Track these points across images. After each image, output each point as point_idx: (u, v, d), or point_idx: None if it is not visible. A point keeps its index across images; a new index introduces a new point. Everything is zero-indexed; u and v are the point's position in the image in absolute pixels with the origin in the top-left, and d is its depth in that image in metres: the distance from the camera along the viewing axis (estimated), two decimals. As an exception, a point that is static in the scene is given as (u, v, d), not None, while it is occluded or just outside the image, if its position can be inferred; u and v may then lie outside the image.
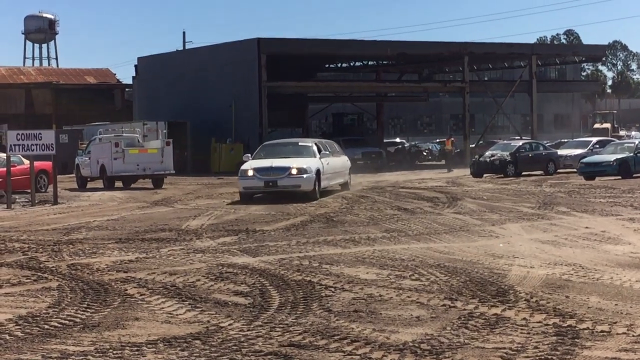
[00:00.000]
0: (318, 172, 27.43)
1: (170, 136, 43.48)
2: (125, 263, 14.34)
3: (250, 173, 26.87)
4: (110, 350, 8.45)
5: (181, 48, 78.09)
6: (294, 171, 26.59)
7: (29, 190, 28.80)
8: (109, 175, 36.57)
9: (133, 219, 22.33)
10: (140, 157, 36.95)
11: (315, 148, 29.08)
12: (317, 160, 28.04)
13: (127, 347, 8.56)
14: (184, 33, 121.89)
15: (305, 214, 22.06)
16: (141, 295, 11.40)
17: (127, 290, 11.75)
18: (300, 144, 30.79)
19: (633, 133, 67.46)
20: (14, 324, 9.70)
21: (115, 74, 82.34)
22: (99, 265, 14.04)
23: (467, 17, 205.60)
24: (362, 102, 70.69)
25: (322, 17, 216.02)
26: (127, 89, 77.60)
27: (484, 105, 70.87)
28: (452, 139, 54.57)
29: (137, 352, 8.38)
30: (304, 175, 26.63)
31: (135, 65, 69.65)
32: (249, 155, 29.91)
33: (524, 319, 9.42)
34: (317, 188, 27.18)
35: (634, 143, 41.36)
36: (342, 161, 32.34)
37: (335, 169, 30.21)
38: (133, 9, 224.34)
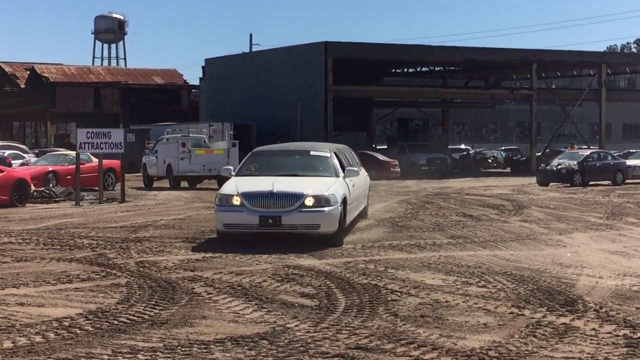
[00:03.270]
0: (344, 201, 17.19)
1: (236, 137, 43.66)
2: (192, 262, 14.45)
3: (236, 201, 16.33)
4: (179, 347, 8.55)
5: (248, 50, 78.54)
6: (309, 201, 16.17)
7: (96, 188, 29.24)
8: (175, 175, 37.06)
9: (199, 219, 22.49)
10: (207, 158, 37.25)
11: (336, 161, 18.78)
12: (341, 182, 17.71)
13: (195, 345, 8.65)
14: (250, 35, 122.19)
15: (370, 218, 21.98)
16: (208, 294, 11.49)
17: (194, 288, 11.86)
18: (312, 153, 19.34)
19: None
20: (84, 319, 9.86)
21: (182, 75, 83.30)
22: (166, 264, 14.19)
23: (535, 24, 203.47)
24: (427, 108, 70.63)
25: (388, 21, 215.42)
26: (193, 90, 78.33)
27: (551, 113, 70.15)
28: (576, 146, 54.32)
29: (205, 350, 8.46)
30: (325, 209, 16.13)
31: (203, 67, 70.38)
32: (231, 168, 19.18)
33: (594, 329, 9.32)
34: (342, 227, 16.91)
35: None
36: (364, 178, 22.09)
37: (359, 192, 20.14)
38: (201, 10, 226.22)
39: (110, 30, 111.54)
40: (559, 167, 42.00)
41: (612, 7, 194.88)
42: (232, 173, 18.23)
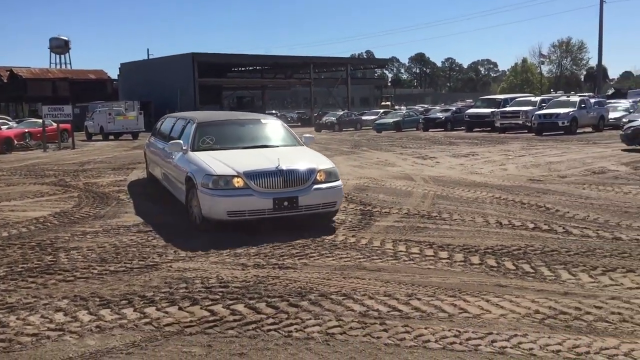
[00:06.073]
0: None
1: (141, 109, 42.08)
2: (118, 181, 13.86)
3: (239, 183, 7.68)
4: (111, 229, 8.28)
5: (146, 58, 75.06)
6: (320, 176, 8.10)
7: (56, 141, 27.49)
8: (105, 132, 35.58)
9: (121, 157, 21.55)
10: (124, 122, 36.10)
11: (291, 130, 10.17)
12: (316, 152, 9.44)
13: (122, 227, 8.39)
14: (147, 49, 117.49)
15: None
16: (128, 199, 11.09)
17: (119, 196, 11.41)
18: (264, 121, 10.22)
19: (402, 107, 68.85)
20: (53, 217, 9.35)
21: (107, 73, 78.23)
22: (102, 183, 13.58)
23: (311, 42, 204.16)
24: (253, 90, 70.21)
25: (231, 35, 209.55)
26: (114, 82, 74.03)
27: (322, 92, 71.08)
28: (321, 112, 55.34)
29: (127, 230, 8.22)
30: (335, 184, 8.19)
31: (119, 67, 66.74)
32: (180, 142, 9.22)
33: (344, 206, 9.60)
34: None
35: (402, 113, 42.83)
36: None
37: None
38: (118, 30, 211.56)
39: (59, 46, 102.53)
40: (327, 120, 43.10)
41: (356, 30, 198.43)
42: (184, 147, 9.12)
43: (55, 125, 28.33)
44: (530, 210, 8.96)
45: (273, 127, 10.02)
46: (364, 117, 47.08)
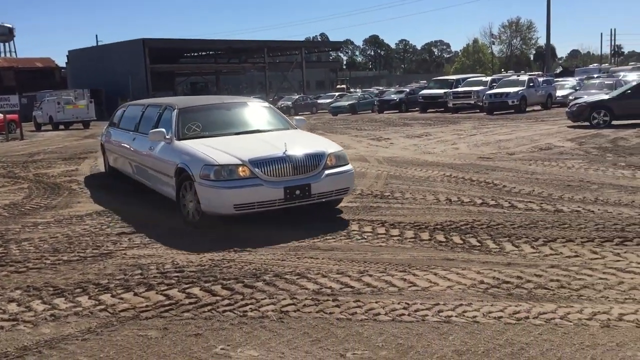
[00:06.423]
0: None
1: (92, 97, 41.16)
2: (70, 171, 13.59)
3: (244, 171, 6.76)
4: (64, 220, 8.18)
5: (95, 44, 73.19)
6: (330, 161, 7.30)
7: (3, 132, 26.67)
8: (55, 121, 34.73)
9: (72, 147, 21.09)
10: (74, 110, 35.30)
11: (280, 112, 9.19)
12: (315, 135, 9.13)
13: (74, 217, 8.30)
14: (96, 35, 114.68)
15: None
16: (80, 189, 10.91)
17: (71, 186, 11.22)
18: (250, 104, 9.15)
19: (357, 90, 69.20)
20: (2, 209, 9.16)
21: (54, 60, 75.85)
22: (53, 173, 13.29)
23: (265, 25, 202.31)
24: (207, 75, 69.25)
25: (182, 20, 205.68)
26: (62, 70, 71.93)
27: (277, 76, 70.70)
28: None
29: (80, 220, 8.14)
30: (346, 168, 7.49)
31: (67, 55, 65.02)
32: (162, 130, 7.94)
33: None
34: None
35: (357, 95, 43.16)
36: None
37: None
38: (66, 19, 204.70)
39: (4, 34, 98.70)
40: (282, 104, 42.98)
41: (309, 13, 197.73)
42: (168, 136, 7.95)
43: (1, 116, 27.50)
44: (479, 186, 9.27)
45: (262, 110, 9.01)
46: (319, 101, 47.21)
